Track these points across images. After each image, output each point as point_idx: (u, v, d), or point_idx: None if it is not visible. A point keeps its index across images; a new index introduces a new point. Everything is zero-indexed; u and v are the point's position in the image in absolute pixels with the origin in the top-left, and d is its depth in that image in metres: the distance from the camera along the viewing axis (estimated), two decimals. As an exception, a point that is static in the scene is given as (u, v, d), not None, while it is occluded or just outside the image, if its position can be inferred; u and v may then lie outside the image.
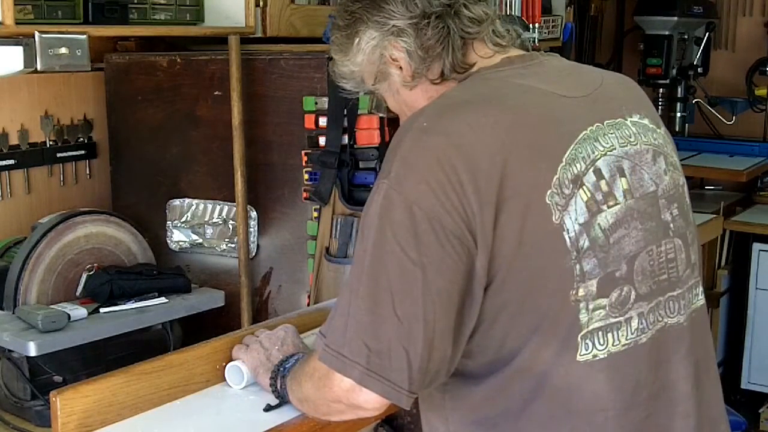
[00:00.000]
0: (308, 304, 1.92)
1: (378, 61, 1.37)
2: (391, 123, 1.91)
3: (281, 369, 1.44)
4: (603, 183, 1.23)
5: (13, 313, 1.77)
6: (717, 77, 4.35)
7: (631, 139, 1.28)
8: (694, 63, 4.13)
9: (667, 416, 1.28)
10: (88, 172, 2.32)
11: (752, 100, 4.23)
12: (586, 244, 1.19)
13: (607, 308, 1.21)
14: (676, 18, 3.92)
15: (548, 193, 1.18)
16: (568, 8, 3.41)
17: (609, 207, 1.22)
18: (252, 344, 1.53)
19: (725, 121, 4.27)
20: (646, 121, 1.33)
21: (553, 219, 1.18)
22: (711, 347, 1.40)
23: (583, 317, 1.19)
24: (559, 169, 1.20)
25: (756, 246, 3.71)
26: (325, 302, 1.81)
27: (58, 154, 2.24)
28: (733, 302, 3.88)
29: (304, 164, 1.92)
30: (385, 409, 1.21)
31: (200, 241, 2.12)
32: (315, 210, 1.91)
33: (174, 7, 2.04)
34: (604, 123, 1.27)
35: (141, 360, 1.45)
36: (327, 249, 1.89)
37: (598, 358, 1.21)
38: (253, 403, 1.47)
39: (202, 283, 2.07)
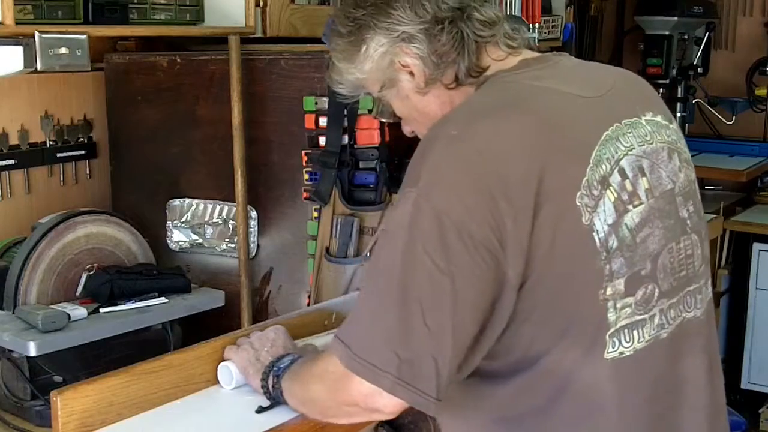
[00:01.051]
0: (308, 304, 1.92)
1: (387, 67, 1.36)
2: (391, 123, 1.91)
3: (274, 369, 1.44)
4: (627, 183, 1.25)
5: (13, 313, 1.77)
6: (717, 77, 4.35)
7: (647, 138, 1.30)
8: (694, 63, 4.13)
9: (684, 410, 1.31)
10: (88, 172, 2.32)
11: (752, 100, 4.23)
12: (615, 244, 1.21)
13: (633, 306, 1.23)
14: (676, 18, 3.92)
15: (578, 194, 1.19)
16: (568, 8, 3.41)
17: (634, 207, 1.24)
18: (242, 344, 1.53)
19: (725, 121, 4.27)
20: (658, 118, 1.34)
21: (583, 220, 1.19)
22: (717, 338, 1.43)
23: (612, 316, 1.21)
24: (587, 170, 1.21)
25: (756, 246, 3.71)
26: (325, 302, 1.81)
27: (58, 154, 2.24)
28: (733, 302, 3.88)
29: (304, 164, 1.92)
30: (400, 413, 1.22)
31: (200, 241, 2.12)
32: (315, 210, 1.91)
33: (174, 7, 2.04)
34: (622, 123, 1.28)
35: (141, 360, 1.45)
36: (327, 249, 1.89)
37: (624, 355, 1.23)
38: (252, 403, 1.47)
39: (202, 283, 2.07)
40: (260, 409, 1.43)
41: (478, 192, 1.15)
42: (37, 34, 1.68)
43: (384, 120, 1.49)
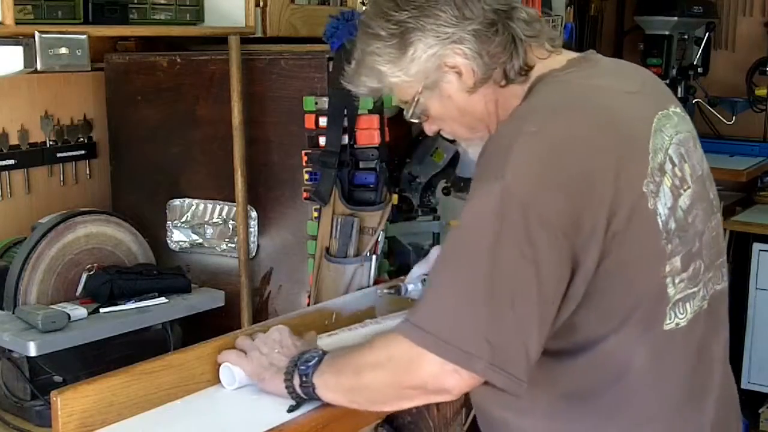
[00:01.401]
0: (308, 304, 1.92)
1: (434, 69, 1.38)
2: (391, 122, 1.91)
3: (299, 368, 1.43)
4: (676, 169, 1.36)
5: (13, 313, 1.77)
6: (717, 77, 4.35)
7: (678, 128, 1.40)
8: (694, 63, 4.13)
9: (715, 376, 1.43)
10: (88, 172, 2.32)
11: (752, 100, 4.23)
12: (673, 225, 1.32)
13: (686, 281, 1.35)
14: (676, 18, 3.92)
15: (645, 182, 1.29)
16: (568, 8, 3.41)
17: (684, 191, 1.36)
18: (250, 351, 1.52)
19: (725, 121, 4.27)
20: (678, 110, 1.44)
21: (649, 205, 1.29)
22: None
23: (671, 291, 1.32)
24: (649, 159, 1.31)
25: (756, 246, 3.71)
26: (324, 302, 1.81)
27: (58, 154, 2.24)
28: (733, 302, 3.87)
29: (304, 164, 1.92)
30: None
31: (200, 241, 2.12)
32: (315, 210, 1.91)
33: (174, 7, 2.04)
34: (660, 114, 1.38)
35: (141, 360, 1.45)
36: (327, 249, 1.89)
37: (679, 326, 1.34)
38: (253, 403, 1.47)
39: (202, 283, 2.07)
40: (291, 408, 1.43)
41: (561, 185, 1.23)
42: (37, 34, 1.68)
43: (414, 121, 1.51)
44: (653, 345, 1.32)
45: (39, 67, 1.70)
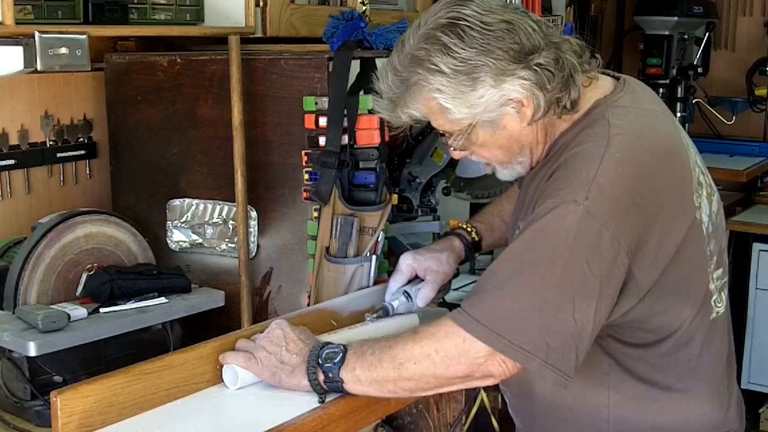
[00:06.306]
0: (308, 304, 1.91)
1: (498, 105, 1.41)
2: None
3: (323, 366, 1.45)
4: (704, 178, 1.52)
5: (13, 313, 1.77)
6: (717, 77, 4.35)
7: (686, 140, 1.53)
8: (694, 63, 4.13)
9: (734, 374, 1.65)
10: (88, 172, 2.32)
11: (752, 100, 4.24)
12: (711, 229, 1.49)
13: (720, 273, 1.53)
14: (676, 18, 3.92)
15: (694, 197, 1.45)
16: (568, 8, 3.42)
17: (712, 197, 1.52)
18: (255, 353, 1.51)
19: (725, 121, 4.27)
20: (677, 122, 1.56)
21: (696, 215, 1.45)
22: None
23: (711, 285, 1.51)
24: (692, 175, 1.46)
25: (756, 246, 3.72)
26: (325, 302, 1.81)
27: (58, 154, 2.24)
28: (733, 302, 3.86)
29: (304, 164, 1.92)
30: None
31: (200, 241, 2.12)
32: (315, 210, 1.91)
33: (174, 7, 2.04)
34: (678, 127, 1.53)
35: (141, 360, 1.45)
36: (327, 249, 1.88)
37: (720, 314, 1.55)
38: (252, 403, 1.48)
39: (202, 283, 2.07)
40: (321, 400, 1.46)
41: (637, 209, 1.35)
42: (37, 34, 1.68)
43: (459, 152, 1.54)
44: (706, 334, 1.50)
45: (39, 67, 1.70)
